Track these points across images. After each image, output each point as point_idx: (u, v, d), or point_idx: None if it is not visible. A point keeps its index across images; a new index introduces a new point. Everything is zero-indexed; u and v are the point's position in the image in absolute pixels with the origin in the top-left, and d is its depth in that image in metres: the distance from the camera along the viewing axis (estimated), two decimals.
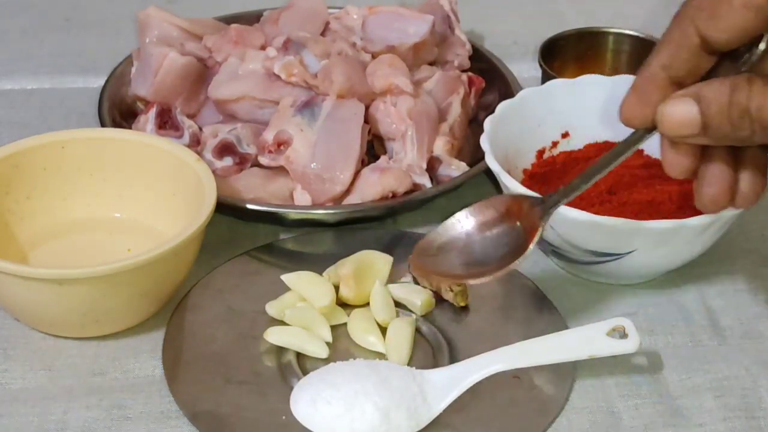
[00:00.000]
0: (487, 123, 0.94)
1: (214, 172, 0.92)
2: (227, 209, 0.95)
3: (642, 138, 0.78)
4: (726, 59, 0.74)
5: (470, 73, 1.09)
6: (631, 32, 1.13)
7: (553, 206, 0.80)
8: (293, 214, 0.96)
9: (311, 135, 0.97)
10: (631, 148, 0.78)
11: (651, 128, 0.77)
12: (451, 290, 0.89)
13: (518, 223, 0.81)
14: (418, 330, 0.88)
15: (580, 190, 0.80)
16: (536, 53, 1.10)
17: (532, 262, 0.95)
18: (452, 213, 1.00)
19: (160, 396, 0.83)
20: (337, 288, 0.89)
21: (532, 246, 0.78)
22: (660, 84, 0.75)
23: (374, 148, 1.03)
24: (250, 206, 0.94)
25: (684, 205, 0.91)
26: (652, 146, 0.99)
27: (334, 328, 0.87)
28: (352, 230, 0.97)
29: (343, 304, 0.89)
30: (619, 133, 0.99)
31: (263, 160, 0.98)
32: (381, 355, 0.85)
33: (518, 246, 0.79)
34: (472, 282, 0.82)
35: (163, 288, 0.87)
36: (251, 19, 1.13)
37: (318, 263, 0.91)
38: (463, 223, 0.82)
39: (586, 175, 0.80)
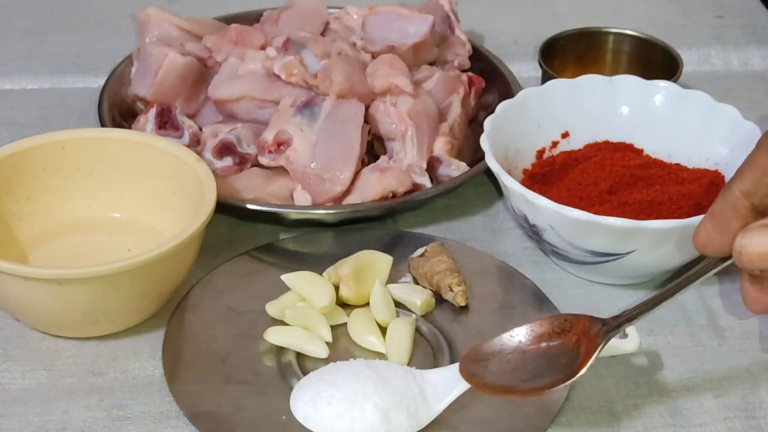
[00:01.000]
0: (487, 123, 0.94)
1: (214, 172, 0.92)
2: (227, 209, 0.95)
3: (717, 266, 0.73)
4: None
5: (470, 73, 1.09)
6: (631, 32, 1.13)
7: (615, 329, 0.76)
8: (293, 214, 0.96)
9: (311, 135, 0.97)
10: (704, 276, 0.74)
11: (727, 257, 0.72)
12: (451, 290, 0.89)
13: (575, 341, 0.77)
14: (418, 330, 0.88)
15: (645, 315, 0.76)
16: (536, 53, 1.10)
17: (532, 262, 0.95)
18: (452, 213, 1.00)
19: (160, 396, 0.83)
20: (337, 288, 0.89)
21: (584, 370, 0.75)
22: (741, 211, 0.70)
23: (374, 148, 1.03)
24: (250, 206, 0.94)
25: (684, 205, 0.91)
26: (652, 146, 0.99)
27: (334, 328, 0.87)
28: (352, 230, 0.97)
29: (343, 304, 0.89)
30: (620, 133, 1.00)
31: (263, 160, 0.98)
32: (381, 355, 0.85)
33: (572, 364, 0.76)
34: (522, 397, 0.78)
35: (163, 288, 0.87)
36: (251, 19, 1.13)
37: (318, 263, 0.91)
38: (519, 335, 0.79)
39: (653, 301, 0.76)
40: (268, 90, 1.01)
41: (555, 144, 0.99)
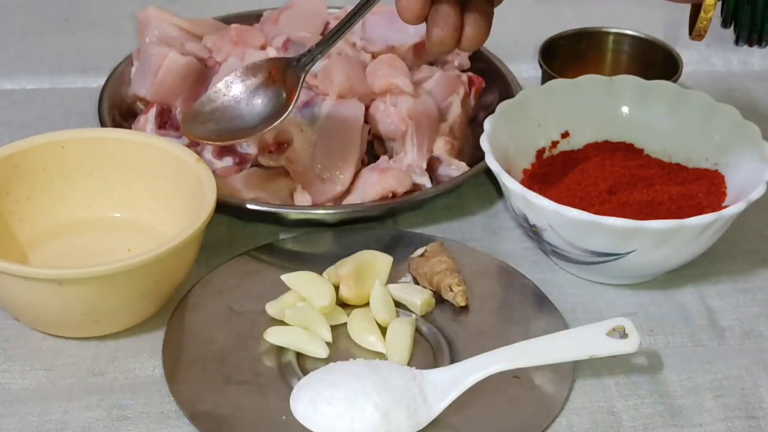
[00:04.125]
0: (487, 123, 0.94)
1: (214, 172, 0.92)
2: (227, 209, 0.95)
3: None
4: None
5: (470, 73, 1.09)
6: (631, 32, 1.13)
7: (308, 64, 0.88)
8: (293, 214, 0.96)
9: (311, 135, 0.97)
10: None
11: None
12: (451, 290, 0.89)
13: (282, 87, 0.87)
14: (418, 330, 0.88)
15: (335, 41, 0.87)
16: (536, 53, 1.10)
17: (532, 262, 0.95)
18: (452, 213, 1.01)
19: (160, 396, 0.83)
20: (337, 288, 0.89)
21: (292, 106, 0.86)
22: None
23: (374, 148, 1.03)
24: (250, 206, 0.94)
25: (684, 205, 0.91)
26: (652, 146, 0.99)
27: (334, 328, 0.87)
28: (352, 230, 0.97)
29: (343, 304, 0.89)
30: (620, 133, 1.00)
31: (263, 160, 0.98)
32: (381, 355, 0.85)
33: (282, 107, 0.87)
34: (237, 141, 0.90)
35: (163, 288, 0.87)
36: (251, 19, 1.13)
37: (318, 263, 0.91)
38: (231, 89, 0.88)
39: (339, 26, 0.86)
40: None
41: (555, 144, 0.99)
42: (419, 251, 0.92)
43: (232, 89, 0.89)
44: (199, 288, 0.90)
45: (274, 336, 0.86)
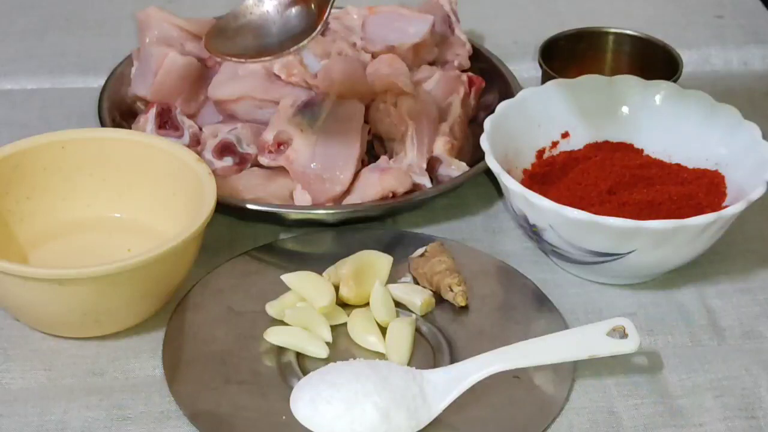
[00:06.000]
0: (487, 123, 0.94)
1: (214, 172, 0.92)
2: (227, 209, 0.95)
3: None
4: None
5: (470, 73, 1.09)
6: (631, 32, 1.13)
7: None
8: (293, 214, 0.96)
9: (311, 135, 0.97)
10: None
11: None
12: (451, 290, 0.89)
13: (312, 5, 0.84)
14: (418, 330, 0.88)
15: None
16: (536, 53, 1.10)
17: (532, 262, 0.95)
18: (452, 213, 1.01)
19: (160, 396, 0.83)
20: (337, 288, 0.89)
21: (322, 24, 0.82)
22: None
23: (374, 148, 1.03)
24: (250, 206, 0.94)
25: (684, 205, 0.91)
26: (652, 146, 0.99)
27: (334, 328, 0.87)
28: (352, 230, 0.97)
29: (343, 304, 0.89)
30: (620, 133, 1.00)
31: (263, 160, 0.98)
32: (381, 355, 0.85)
33: (311, 26, 0.83)
34: (264, 59, 0.84)
35: (163, 288, 0.87)
36: None
37: (318, 263, 0.91)
38: (261, 4, 0.84)
39: None
40: (268, 90, 1.01)
41: (555, 144, 0.99)
42: (419, 251, 0.92)
43: (263, 4, 0.85)
44: (199, 288, 0.90)
45: (274, 336, 0.86)
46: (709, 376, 0.85)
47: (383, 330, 0.87)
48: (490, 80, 1.10)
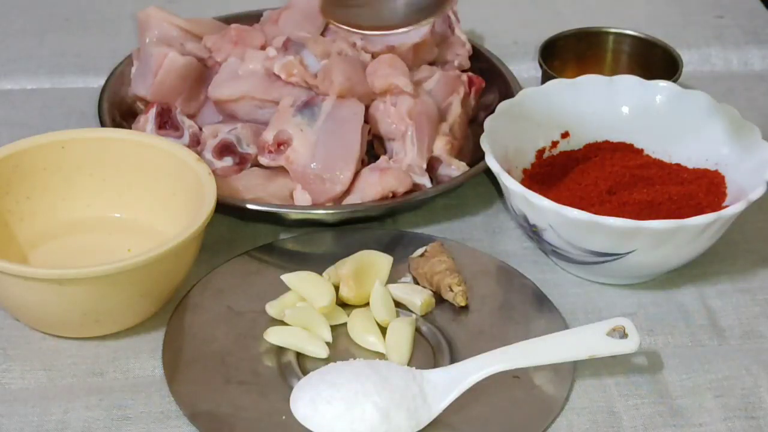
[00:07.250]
0: (487, 123, 0.94)
1: (214, 172, 0.92)
2: (227, 209, 0.95)
3: None
4: None
5: (470, 73, 1.09)
6: (631, 32, 1.13)
7: None
8: (293, 214, 0.96)
9: (311, 135, 0.97)
10: None
11: None
12: (451, 290, 0.89)
13: None
14: (418, 330, 0.88)
15: None
16: (536, 53, 1.10)
17: (532, 262, 0.95)
18: (452, 213, 1.01)
19: (160, 396, 0.83)
20: (337, 288, 0.89)
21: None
22: None
23: (374, 148, 1.03)
24: (250, 206, 0.94)
25: (684, 205, 0.91)
26: (652, 146, 0.99)
27: (334, 328, 0.87)
28: (352, 230, 0.97)
29: (343, 304, 0.89)
30: (620, 133, 1.00)
31: (263, 160, 0.98)
32: (381, 355, 0.85)
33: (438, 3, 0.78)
34: (385, 33, 0.80)
35: (163, 288, 0.87)
36: (251, 19, 1.13)
37: (318, 263, 0.91)
38: None
39: None
40: (268, 90, 1.01)
41: (555, 144, 0.99)
42: (419, 251, 0.92)
43: None
44: (199, 288, 0.90)
45: (274, 336, 0.86)
46: (709, 376, 0.85)
47: (383, 330, 0.87)
48: (490, 80, 1.10)
